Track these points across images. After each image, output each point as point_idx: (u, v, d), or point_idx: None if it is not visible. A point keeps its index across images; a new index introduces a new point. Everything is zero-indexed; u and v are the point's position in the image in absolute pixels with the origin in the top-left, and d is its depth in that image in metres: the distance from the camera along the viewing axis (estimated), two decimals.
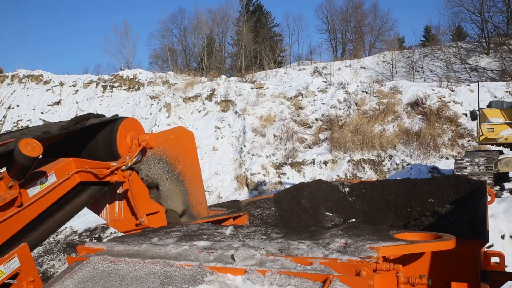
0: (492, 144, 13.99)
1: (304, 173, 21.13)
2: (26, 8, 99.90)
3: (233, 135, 25.10)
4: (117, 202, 3.36)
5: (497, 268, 3.60)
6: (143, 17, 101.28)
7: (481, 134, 13.30)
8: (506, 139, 12.92)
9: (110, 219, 3.39)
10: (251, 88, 28.32)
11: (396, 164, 19.55)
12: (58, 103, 35.22)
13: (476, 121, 13.61)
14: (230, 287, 1.93)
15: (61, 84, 36.43)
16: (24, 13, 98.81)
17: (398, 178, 5.43)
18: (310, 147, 22.81)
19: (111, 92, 34.59)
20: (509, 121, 12.99)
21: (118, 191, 3.31)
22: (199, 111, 27.96)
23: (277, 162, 22.01)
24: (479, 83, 15.49)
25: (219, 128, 25.83)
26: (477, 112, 13.34)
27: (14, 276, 2.39)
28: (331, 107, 24.59)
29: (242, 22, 51.44)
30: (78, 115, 3.21)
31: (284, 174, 21.47)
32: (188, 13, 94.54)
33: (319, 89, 26.69)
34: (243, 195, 20.00)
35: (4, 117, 35.18)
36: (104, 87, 34.97)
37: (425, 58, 37.60)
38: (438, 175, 13.69)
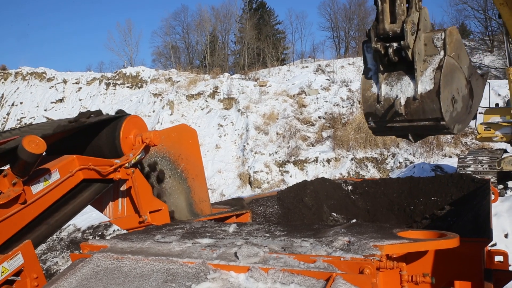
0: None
1: (307, 171, 21.12)
2: (29, 6, 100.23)
3: (236, 132, 25.09)
4: (120, 199, 3.36)
5: (501, 267, 3.59)
6: (146, 15, 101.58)
7: (478, 133, 13.51)
8: (502, 137, 13.03)
9: (113, 216, 3.40)
10: (254, 86, 28.29)
11: (399, 162, 19.51)
12: (61, 100, 35.30)
13: (475, 119, 13.76)
14: (233, 284, 1.93)
15: (64, 82, 36.51)
16: (27, 11, 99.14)
17: (401, 177, 5.41)
18: (313, 145, 22.78)
19: (114, 89, 34.63)
20: (502, 120, 13.12)
21: (121, 189, 3.32)
22: (202, 109, 27.96)
23: (280, 160, 22.00)
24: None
25: (222, 125, 25.82)
26: (476, 111, 13.49)
27: (18, 273, 2.40)
28: (334, 105, 24.55)
29: (245, 20, 51.41)
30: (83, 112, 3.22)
31: (287, 172, 21.45)
32: (191, 10, 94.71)
33: (322, 86, 26.65)
34: (245, 193, 20.00)
35: (8, 114, 35.29)
36: (107, 84, 35.02)
37: None
38: (442, 173, 13.67)
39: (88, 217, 12.13)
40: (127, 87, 34.57)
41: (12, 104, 35.88)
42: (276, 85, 28.60)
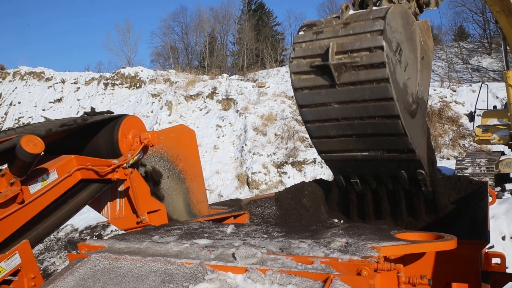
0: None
1: (305, 173, 21.11)
2: (28, 5, 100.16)
3: (234, 133, 25.08)
4: (118, 199, 3.36)
5: (498, 269, 3.60)
6: (145, 15, 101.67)
7: (475, 135, 13.59)
8: (499, 140, 13.10)
9: (111, 216, 3.40)
10: (253, 87, 28.28)
11: None
12: (59, 100, 35.23)
13: (473, 122, 13.85)
14: (230, 285, 1.93)
15: (63, 82, 36.45)
16: (25, 10, 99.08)
17: None
18: (311, 146, 22.77)
19: (112, 89, 34.58)
20: (500, 123, 13.20)
21: (119, 189, 3.32)
22: (200, 110, 27.94)
23: (278, 161, 21.99)
24: (483, 83, 15.60)
25: (220, 126, 25.81)
26: (474, 114, 13.62)
27: (15, 272, 2.39)
28: None
29: (244, 21, 51.46)
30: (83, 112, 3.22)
31: (285, 173, 21.44)
32: (190, 11, 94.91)
33: None
34: (243, 194, 19.98)
35: (6, 114, 35.22)
36: (106, 84, 34.98)
37: None
38: (440, 175, 13.69)
39: (85, 217, 12.12)
40: (126, 87, 34.52)
41: (10, 104, 35.80)
42: (275, 86, 28.59)
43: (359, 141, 4.00)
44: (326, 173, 20.58)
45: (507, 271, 3.87)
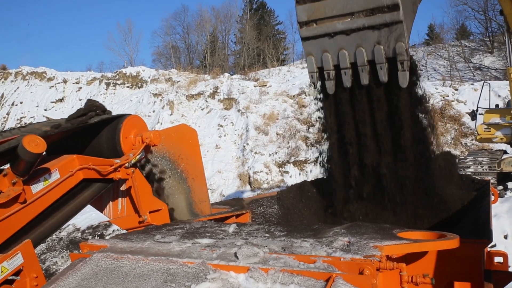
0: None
1: (306, 172, 21.10)
2: (29, 5, 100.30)
3: (236, 133, 25.08)
4: (120, 199, 3.36)
5: (501, 268, 3.59)
6: (147, 15, 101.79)
7: (478, 133, 13.58)
8: (501, 138, 13.08)
9: (113, 216, 3.40)
10: (254, 86, 28.27)
11: None
12: (61, 100, 35.30)
13: (475, 120, 13.85)
14: (233, 284, 1.92)
15: (64, 81, 36.52)
16: (27, 11, 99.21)
17: None
18: (312, 146, 22.77)
19: (114, 89, 34.63)
20: (502, 121, 13.19)
21: (121, 188, 3.32)
22: (202, 109, 27.95)
23: (279, 161, 21.98)
24: (485, 82, 15.57)
25: (222, 126, 25.81)
26: (476, 112, 13.61)
27: (17, 272, 2.40)
28: None
29: (246, 20, 51.46)
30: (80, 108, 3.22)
31: (287, 172, 21.43)
32: (191, 10, 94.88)
33: None
34: (245, 193, 19.99)
35: (8, 114, 35.29)
36: (107, 84, 35.02)
37: (428, 57, 37.49)
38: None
39: (87, 217, 12.12)
40: (127, 87, 34.56)
41: (12, 104, 35.88)
42: (276, 85, 28.58)
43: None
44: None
45: (510, 269, 3.87)
